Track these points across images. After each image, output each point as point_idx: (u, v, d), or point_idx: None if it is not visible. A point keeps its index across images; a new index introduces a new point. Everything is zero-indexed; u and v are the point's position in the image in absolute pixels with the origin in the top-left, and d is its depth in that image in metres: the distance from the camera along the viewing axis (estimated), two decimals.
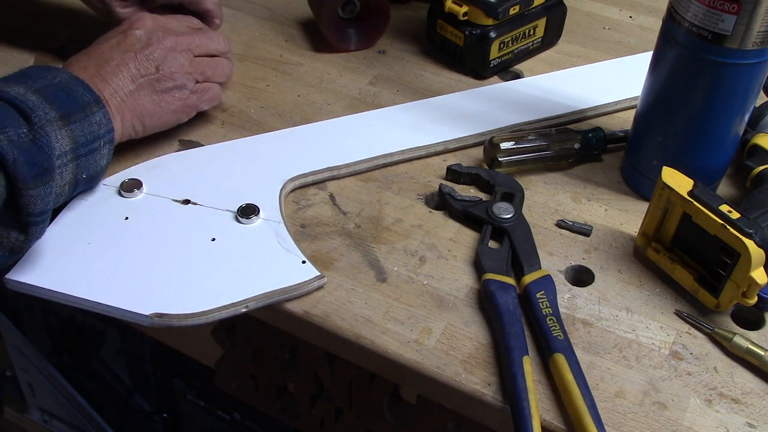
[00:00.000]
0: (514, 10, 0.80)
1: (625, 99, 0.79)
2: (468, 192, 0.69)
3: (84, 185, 0.62)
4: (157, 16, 0.72)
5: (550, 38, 0.87)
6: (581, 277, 0.64)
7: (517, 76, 0.85)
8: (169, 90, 0.68)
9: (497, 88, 0.82)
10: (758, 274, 0.55)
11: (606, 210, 0.69)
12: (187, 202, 0.66)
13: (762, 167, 0.67)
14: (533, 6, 0.82)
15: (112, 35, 0.68)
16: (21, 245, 0.55)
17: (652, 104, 0.66)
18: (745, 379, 0.56)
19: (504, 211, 0.66)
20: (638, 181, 0.70)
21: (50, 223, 0.61)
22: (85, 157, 0.59)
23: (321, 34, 0.86)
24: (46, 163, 0.54)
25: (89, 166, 0.60)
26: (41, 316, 1.15)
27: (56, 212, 0.63)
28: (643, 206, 0.66)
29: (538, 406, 0.54)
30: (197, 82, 0.71)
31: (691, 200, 0.58)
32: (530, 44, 0.85)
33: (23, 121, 0.54)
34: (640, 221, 0.64)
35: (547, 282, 0.60)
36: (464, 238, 0.66)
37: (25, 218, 0.54)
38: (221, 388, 0.83)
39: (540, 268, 0.62)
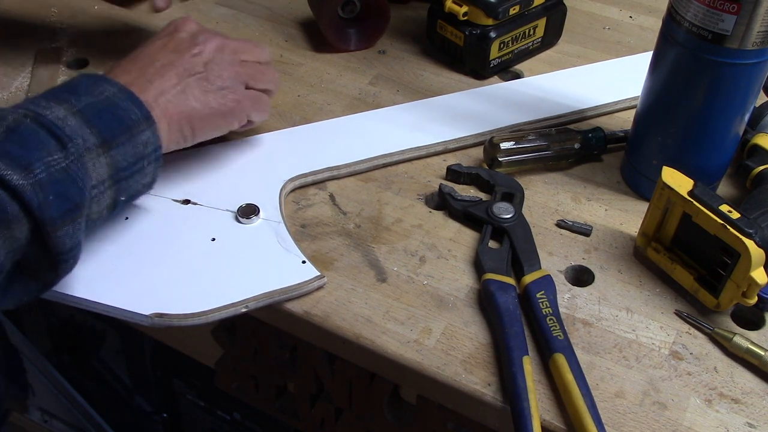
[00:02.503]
0: (514, 10, 0.80)
1: (625, 99, 0.79)
2: (468, 192, 0.69)
3: (124, 205, 0.59)
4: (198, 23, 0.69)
5: (550, 38, 0.87)
6: (581, 277, 0.64)
7: (517, 76, 0.85)
8: (218, 90, 0.64)
9: (497, 88, 0.81)
10: (758, 274, 0.55)
11: (606, 210, 0.69)
12: (187, 202, 0.66)
13: (762, 167, 0.67)
14: (533, 6, 0.82)
15: (157, 38, 0.65)
16: (53, 280, 0.53)
17: (652, 104, 0.66)
18: (745, 379, 0.56)
19: (504, 211, 0.66)
20: (638, 181, 0.70)
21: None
22: (126, 180, 0.56)
23: (321, 34, 0.86)
24: (78, 197, 0.51)
25: (130, 188, 0.57)
26: (41, 316, 1.15)
27: None
28: (643, 206, 0.66)
29: (538, 406, 0.54)
30: (246, 87, 0.67)
31: (691, 200, 0.58)
32: (530, 44, 0.85)
33: (58, 147, 0.50)
34: (640, 221, 0.64)
35: (547, 282, 0.60)
36: (464, 238, 0.66)
37: (54, 257, 0.51)
38: (221, 388, 0.83)
39: (540, 268, 0.62)
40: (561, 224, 0.67)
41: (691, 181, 0.60)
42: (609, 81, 0.82)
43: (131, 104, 0.56)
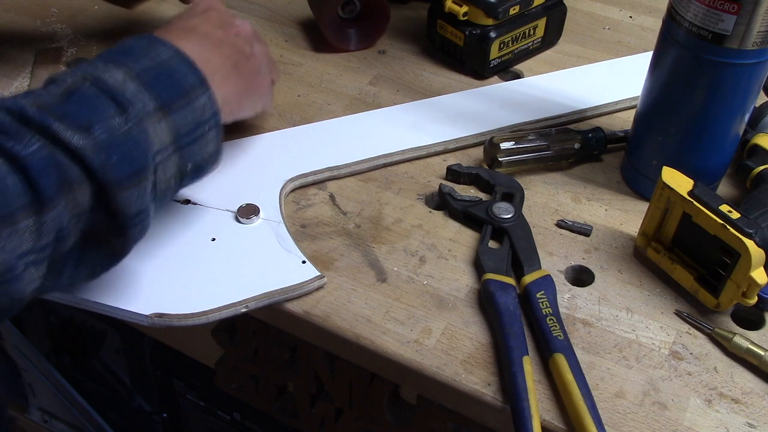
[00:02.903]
0: (514, 10, 0.80)
1: (625, 99, 0.79)
2: (468, 192, 0.69)
3: (193, 175, 0.57)
4: None
5: (550, 38, 0.87)
6: (581, 277, 0.64)
7: (517, 76, 0.85)
8: (257, 72, 0.66)
9: (497, 88, 0.81)
10: (758, 274, 0.55)
11: (606, 210, 0.69)
12: (187, 202, 0.66)
13: (762, 167, 0.67)
14: (533, 6, 0.82)
15: (193, 13, 0.64)
16: (122, 249, 0.53)
17: (652, 104, 0.66)
18: (745, 379, 0.56)
19: (504, 211, 0.66)
20: (638, 181, 0.70)
21: None
22: (189, 147, 0.55)
23: (321, 34, 0.86)
24: (142, 161, 0.50)
25: (195, 155, 0.56)
26: (41, 316, 1.15)
27: None
28: (643, 206, 0.66)
29: (538, 406, 0.54)
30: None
31: (691, 200, 0.58)
32: (530, 44, 0.85)
33: (119, 111, 0.50)
34: (640, 221, 0.64)
35: (547, 282, 0.60)
36: (464, 238, 0.66)
37: (121, 221, 0.50)
38: (221, 388, 0.83)
39: (540, 268, 0.62)
40: (561, 224, 0.67)
41: (691, 181, 0.60)
42: (609, 81, 0.82)
43: (186, 68, 0.55)
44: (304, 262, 0.61)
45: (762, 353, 0.56)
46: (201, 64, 0.57)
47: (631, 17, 0.95)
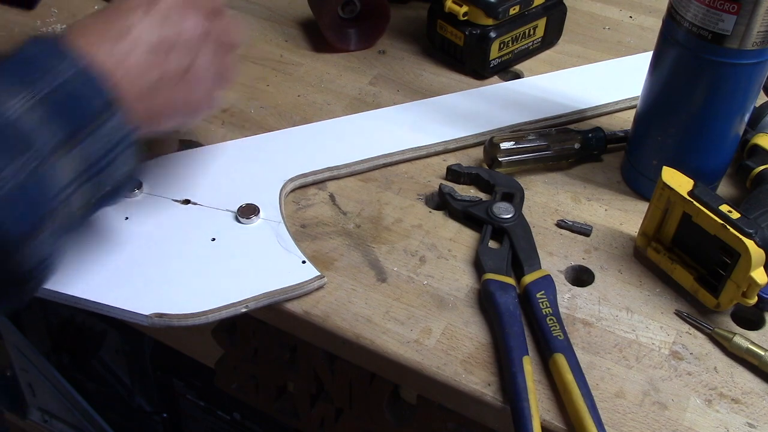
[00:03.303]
0: (514, 10, 0.80)
1: (625, 99, 0.79)
2: (468, 192, 0.69)
3: (108, 199, 0.52)
4: None
5: (550, 38, 0.87)
6: (581, 277, 0.64)
7: (517, 76, 0.85)
8: (191, 84, 0.57)
9: (497, 88, 0.81)
10: (758, 274, 0.55)
11: (606, 210, 0.69)
12: (187, 202, 0.66)
13: (762, 167, 0.67)
14: (533, 6, 0.82)
15: (136, 3, 0.54)
16: (24, 297, 0.49)
17: (652, 104, 0.66)
18: (745, 379, 0.56)
19: (504, 211, 0.66)
20: (638, 181, 0.70)
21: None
22: (99, 174, 0.49)
23: (321, 34, 0.86)
24: (45, 206, 0.45)
25: (107, 181, 0.50)
26: (41, 316, 1.15)
27: None
28: (643, 206, 0.66)
29: (538, 406, 0.54)
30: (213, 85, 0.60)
31: (691, 200, 0.58)
32: (530, 44, 0.85)
33: (22, 150, 0.44)
34: (640, 221, 0.64)
35: (547, 282, 0.60)
36: (464, 238, 0.66)
37: (20, 276, 0.46)
38: (221, 388, 0.83)
39: (540, 268, 0.62)
40: (561, 224, 0.67)
41: (691, 181, 0.60)
42: (609, 81, 0.82)
43: (92, 90, 0.48)
44: (304, 262, 0.61)
45: (762, 353, 0.56)
46: (120, 73, 0.50)
47: (631, 17, 0.95)
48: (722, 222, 0.56)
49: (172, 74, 0.54)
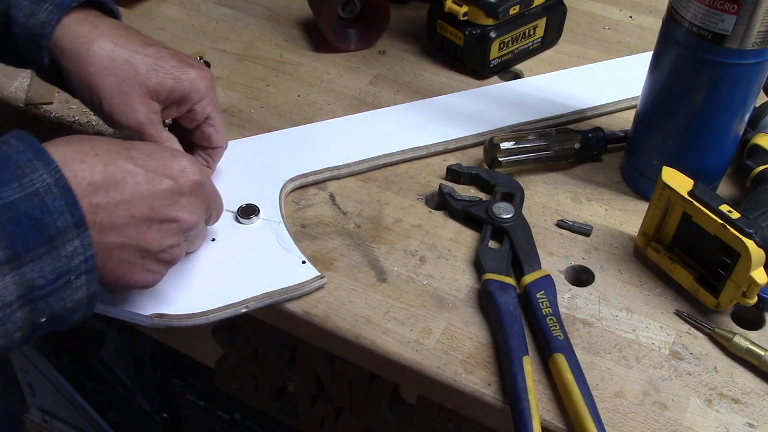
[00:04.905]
0: (514, 10, 0.80)
1: (625, 99, 0.79)
2: (468, 192, 0.69)
3: (51, 326, 0.46)
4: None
5: (550, 38, 0.87)
6: (581, 277, 0.64)
7: (517, 76, 0.85)
8: (155, 265, 0.52)
9: (497, 88, 0.81)
10: (758, 274, 0.55)
11: (606, 210, 0.69)
12: None
13: (762, 167, 0.67)
14: (533, 6, 0.82)
15: (146, 159, 0.50)
16: None
17: (652, 104, 0.66)
18: (745, 379, 0.56)
19: (504, 211, 0.66)
20: (638, 181, 0.70)
21: None
22: (44, 299, 0.44)
23: (321, 34, 0.86)
24: None
25: (52, 307, 0.45)
26: None
27: None
28: (643, 206, 0.66)
29: (538, 406, 0.54)
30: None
31: (691, 200, 0.58)
32: (530, 44, 0.85)
33: None
34: (640, 221, 0.64)
35: (547, 282, 0.60)
36: (464, 238, 0.66)
37: None
38: (221, 388, 0.83)
39: (540, 268, 0.62)
40: (561, 224, 0.67)
41: (691, 181, 0.60)
42: (609, 81, 0.82)
43: (63, 206, 0.44)
44: (304, 262, 0.61)
45: (762, 353, 0.56)
46: (89, 209, 0.46)
47: (631, 17, 0.95)
48: (722, 222, 0.56)
49: (135, 248, 0.50)
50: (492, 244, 0.64)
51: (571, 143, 0.72)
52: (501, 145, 0.70)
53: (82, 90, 0.59)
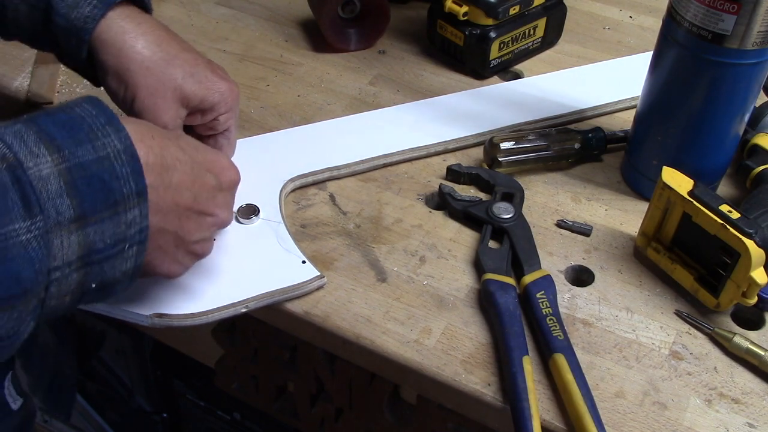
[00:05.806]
0: (514, 10, 0.80)
1: (625, 99, 0.79)
2: (468, 192, 0.69)
3: (96, 295, 0.47)
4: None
5: (550, 38, 0.87)
6: (581, 277, 0.64)
7: (517, 76, 0.85)
8: (184, 257, 0.53)
9: (497, 88, 0.81)
10: (758, 274, 0.55)
11: (606, 210, 0.69)
12: None
13: (762, 167, 0.67)
14: (533, 6, 0.82)
15: (197, 152, 0.52)
16: None
17: (652, 104, 0.66)
18: (745, 379, 0.56)
19: (504, 211, 0.66)
20: (638, 181, 0.70)
21: None
22: (99, 264, 0.45)
23: (321, 34, 0.86)
24: (27, 283, 0.41)
25: (104, 273, 0.46)
26: None
27: None
28: (643, 206, 0.66)
29: (538, 406, 0.54)
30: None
31: (691, 200, 0.58)
32: (530, 44, 0.85)
33: (24, 214, 0.41)
34: (640, 221, 0.64)
35: (547, 282, 0.60)
36: (464, 238, 0.66)
37: None
38: (221, 388, 0.83)
39: (540, 268, 0.62)
40: (561, 224, 0.67)
41: (691, 181, 0.60)
42: (609, 81, 0.82)
43: (130, 172, 0.45)
44: (304, 262, 0.61)
45: (762, 353, 0.56)
46: (156, 178, 0.47)
47: (631, 17, 0.95)
48: (722, 222, 0.56)
49: (172, 234, 0.51)
50: (492, 244, 0.64)
51: (571, 143, 0.72)
52: (501, 145, 0.70)
53: (117, 85, 0.60)
